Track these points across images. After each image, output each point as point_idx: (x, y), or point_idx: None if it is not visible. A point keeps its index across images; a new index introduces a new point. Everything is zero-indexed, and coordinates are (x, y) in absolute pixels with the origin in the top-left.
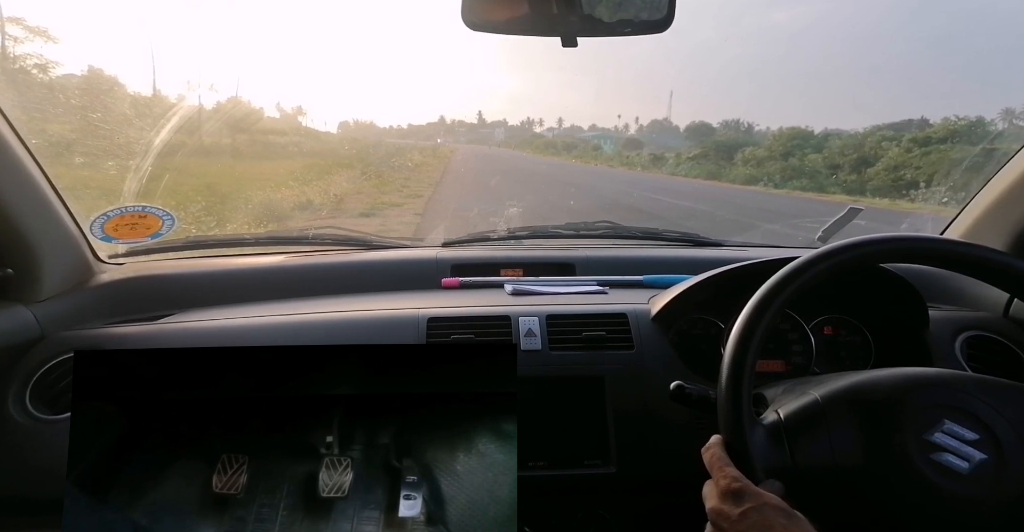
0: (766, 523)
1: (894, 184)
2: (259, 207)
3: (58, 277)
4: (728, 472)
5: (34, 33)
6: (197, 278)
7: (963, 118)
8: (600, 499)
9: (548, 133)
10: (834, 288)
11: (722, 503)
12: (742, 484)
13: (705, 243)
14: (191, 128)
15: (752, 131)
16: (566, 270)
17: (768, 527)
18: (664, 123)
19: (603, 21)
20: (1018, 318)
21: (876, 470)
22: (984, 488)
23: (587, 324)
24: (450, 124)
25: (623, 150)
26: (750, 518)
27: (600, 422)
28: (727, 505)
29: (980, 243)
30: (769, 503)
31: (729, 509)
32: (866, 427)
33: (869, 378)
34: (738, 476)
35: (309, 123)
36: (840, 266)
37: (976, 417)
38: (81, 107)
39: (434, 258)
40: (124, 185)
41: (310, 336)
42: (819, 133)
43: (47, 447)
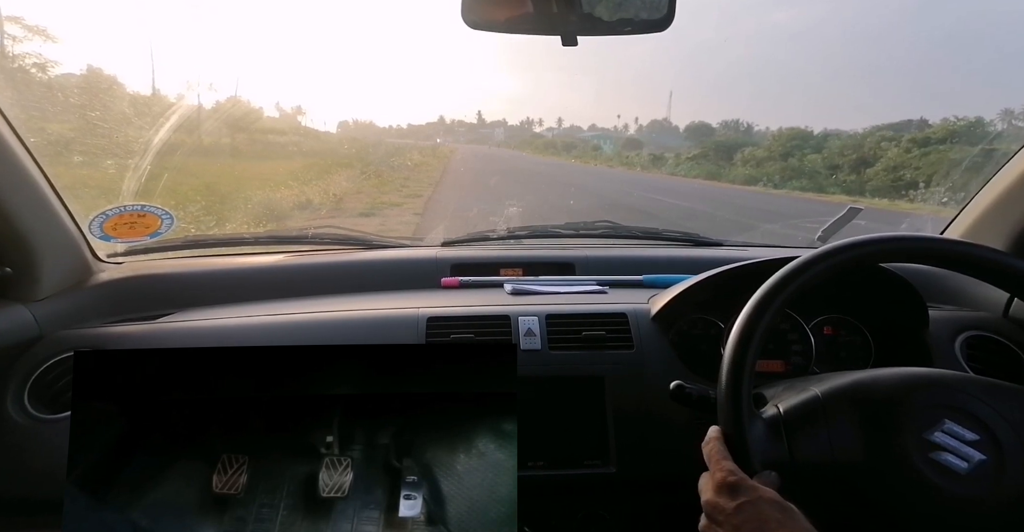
0: (761, 517)
1: (893, 184)
2: (259, 207)
3: (57, 276)
4: (725, 465)
5: (33, 32)
6: (196, 277)
7: (962, 119)
8: (600, 499)
9: (548, 133)
10: (834, 288)
11: (717, 496)
12: (738, 478)
13: (705, 243)
14: (190, 127)
15: (752, 131)
16: (566, 270)
17: (762, 521)
18: (664, 123)
19: (603, 20)
20: (1018, 318)
21: (875, 467)
22: (982, 489)
23: (587, 324)
24: (450, 124)
25: (623, 150)
26: (745, 512)
27: (600, 422)
28: (722, 498)
29: (980, 243)
30: (764, 497)
31: (724, 502)
32: (866, 425)
33: (870, 376)
34: (734, 469)
35: (309, 123)
36: (840, 266)
37: (977, 418)
38: (80, 106)
39: (434, 258)
40: (123, 184)
41: (309, 335)
42: (818, 133)
43: (46, 447)
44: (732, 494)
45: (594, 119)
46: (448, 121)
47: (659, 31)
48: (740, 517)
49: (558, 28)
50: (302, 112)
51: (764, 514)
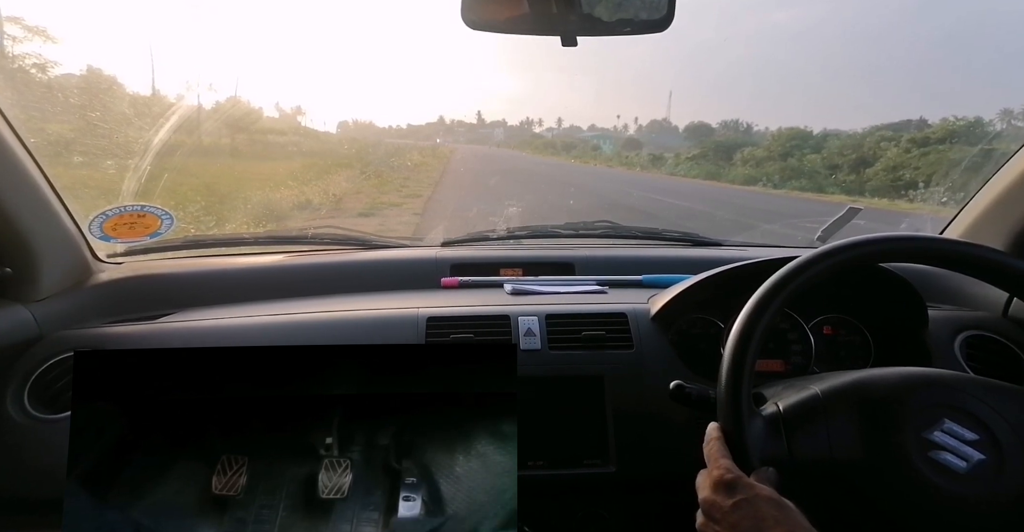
0: (757, 514)
1: (893, 184)
2: (258, 207)
3: (56, 276)
4: (722, 463)
5: (33, 32)
6: (196, 277)
7: (962, 118)
8: (599, 499)
9: (547, 133)
10: (834, 288)
11: (714, 494)
12: (735, 475)
13: (704, 243)
14: (190, 128)
15: (751, 131)
16: (565, 270)
17: (759, 518)
18: (663, 123)
19: (602, 20)
20: (1017, 318)
21: (874, 466)
22: (981, 488)
23: (586, 324)
24: (449, 124)
25: (622, 150)
26: (742, 509)
27: (599, 422)
28: (719, 496)
29: (979, 243)
30: (761, 495)
31: (721, 500)
32: (865, 423)
33: (870, 376)
34: (731, 467)
35: (308, 123)
36: (840, 266)
37: (976, 418)
38: (80, 106)
39: (433, 258)
40: (123, 184)
41: (309, 335)
42: (818, 133)
43: (45, 446)
44: (729, 492)
45: (594, 119)
46: (448, 121)
47: (659, 31)
48: (737, 515)
49: (557, 28)
50: (302, 112)
51: (761, 512)
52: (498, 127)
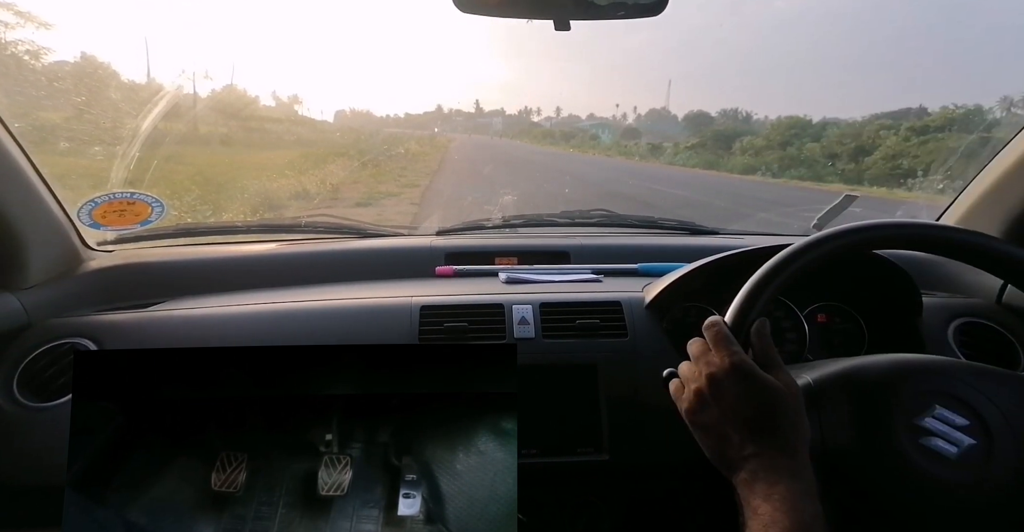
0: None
1: (892, 173)
2: (255, 196)
3: (45, 264)
4: (734, 349)
5: (25, 18)
6: (187, 266)
7: (961, 106)
8: (593, 486)
9: (546, 122)
10: (828, 275)
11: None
12: (750, 365)
13: (701, 231)
14: (187, 116)
15: (750, 120)
16: (560, 258)
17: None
18: (662, 112)
19: (596, 4)
20: (1011, 305)
21: (865, 453)
22: (971, 473)
23: (581, 312)
24: (447, 113)
25: (621, 139)
26: (755, 398)
27: (593, 410)
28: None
29: (974, 230)
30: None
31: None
32: (857, 411)
33: (862, 363)
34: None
35: (305, 112)
36: (834, 253)
37: (966, 403)
38: (69, 92)
39: (428, 246)
40: (115, 172)
41: (301, 324)
42: (817, 122)
43: (35, 435)
44: (741, 377)
45: (592, 108)
46: (446, 110)
47: (652, 15)
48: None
49: (550, 12)
50: (299, 101)
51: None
52: (496, 116)
